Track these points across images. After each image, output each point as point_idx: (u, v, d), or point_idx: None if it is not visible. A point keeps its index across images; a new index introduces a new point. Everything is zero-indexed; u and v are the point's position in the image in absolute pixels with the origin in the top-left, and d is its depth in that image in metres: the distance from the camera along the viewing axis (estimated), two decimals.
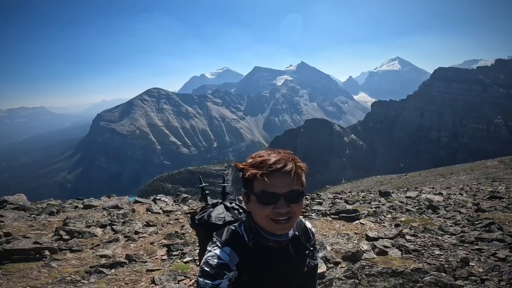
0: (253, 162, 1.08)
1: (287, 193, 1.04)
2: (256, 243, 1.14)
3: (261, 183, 1.04)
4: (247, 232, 1.16)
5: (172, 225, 5.82)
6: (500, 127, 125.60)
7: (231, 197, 1.54)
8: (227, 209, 1.39)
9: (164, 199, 9.17)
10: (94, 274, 3.37)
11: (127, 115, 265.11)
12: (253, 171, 1.05)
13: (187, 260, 3.85)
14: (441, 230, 4.87)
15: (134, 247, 4.48)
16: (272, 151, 1.11)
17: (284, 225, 1.07)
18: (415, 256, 3.56)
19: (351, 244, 3.66)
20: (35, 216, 6.71)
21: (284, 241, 1.17)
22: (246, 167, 1.08)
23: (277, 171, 1.03)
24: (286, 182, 1.04)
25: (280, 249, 1.17)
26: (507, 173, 26.38)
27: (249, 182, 1.09)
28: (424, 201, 8.35)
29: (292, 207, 1.05)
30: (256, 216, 1.11)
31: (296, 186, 1.06)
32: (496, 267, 3.11)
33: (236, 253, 1.11)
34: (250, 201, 1.11)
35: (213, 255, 1.08)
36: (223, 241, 1.13)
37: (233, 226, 1.20)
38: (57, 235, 5.04)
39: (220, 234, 1.17)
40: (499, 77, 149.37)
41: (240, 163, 1.12)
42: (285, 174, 1.04)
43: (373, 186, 37.51)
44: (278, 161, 1.04)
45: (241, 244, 1.13)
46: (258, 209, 1.06)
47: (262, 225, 1.11)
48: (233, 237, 1.15)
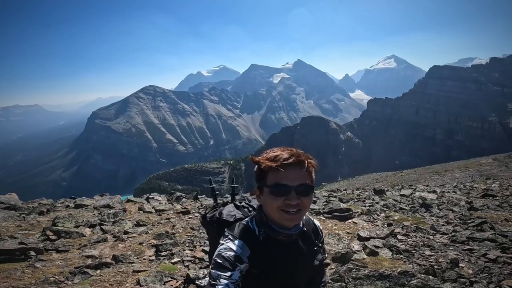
0: (267, 156, 1.16)
1: (298, 186, 1.11)
2: (266, 236, 1.20)
3: (275, 175, 1.12)
4: (258, 226, 1.22)
5: (163, 225, 5.74)
6: (495, 125, 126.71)
7: (240, 197, 1.60)
8: (237, 208, 1.45)
9: (157, 198, 9.09)
10: (79, 275, 3.29)
11: (123, 113, 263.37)
12: (269, 163, 1.13)
13: (175, 261, 3.78)
14: (433, 229, 4.85)
15: (122, 248, 4.39)
16: (286, 148, 1.19)
17: (294, 216, 1.14)
18: (405, 256, 3.52)
19: (341, 245, 3.62)
20: (24, 216, 6.60)
21: (294, 235, 1.22)
22: (262, 160, 1.16)
23: (290, 165, 1.11)
24: (298, 176, 1.12)
25: (290, 243, 1.23)
26: (501, 170, 26.62)
27: (263, 175, 1.16)
28: (417, 199, 8.35)
29: (302, 200, 1.13)
30: (267, 207, 1.18)
31: (307, 181, 1.14)
32: (486, 268, 3.07)
33: (248, 246, 1.16)
34: (262, 194, 1.18)
35: (226, 247, 1.14)
36: (235, 234, 1.19)
37: (245, 221, 1.27)
38: (44, 235, 4.94)
39: (232, 229, 1.23)
40: (494, 75, 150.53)
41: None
42: (297, 168, 1.12)
43: (369, 183, 37.68)
44: (291, 156, 1.12)
45: (253, 237, 1.19)
46: (271, 200, 1.13)
47: (273, 217, 1.17)
48: (245, 231, 1.21)
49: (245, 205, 1.47)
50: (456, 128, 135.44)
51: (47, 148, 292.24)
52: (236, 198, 1.63)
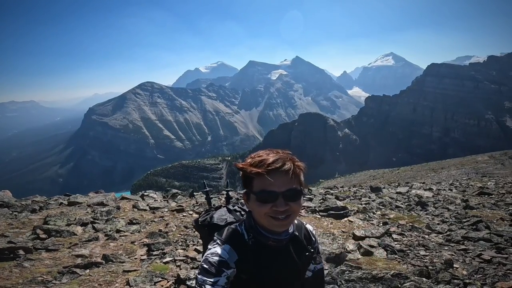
0: (252, 161, 1.10)
1: (285, 191, 1.06)
2: (256, 241, 1.16)
3: (260, 182, 1.07)
4: (248, 231, 1.18)
5: (157, 223, 5.67)
6: (491, 123, 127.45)
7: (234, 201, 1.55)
8: (229, 211, 1.41)
9: (153, 195, 9.00)
10: (67, 275, 3.23)
11: (120, 109, 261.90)
12: (253, 169, 1.07)
13: (166, 261, 3.71)
14: (428, 228, 4.81)
15: (114, 247, 4.32)
16: (271, 151, 1.12)
17: (283, 222, 1.10)
18: (400, 257, 3.48)
19: (336, 245, 3.57)
20: (16, 214, 6.50)
21: (283, 240, 1.18)
22: (246, 166, 1.10)
23: (275, 170, 1.05)
24: (285, 181, 1.06)
25: (280, 249, 1.19)
26: (497, 168, 26.79)
27: (249, 181, 1.12)
28: (414, 197, 8.34)
29: (290, 205, 1.08)
30: (255, 214, 1.14)
31: (295, 185, 1.09)
32: (481, 269, 3.03)
33: (236, 251, 1.13)
34: (250, 200, 1.13)
35: (213, 252, 1.11)
36: (223, 239, 1.16)
37: (234, 225, 1.23)
38: (34, 234, 4.86)
39: (221, 233, 1.20)
40: (491, 73, 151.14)
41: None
42: (284, 173, 1.06)
43: (366, 180, 37.79)
44: (276, 160, 1.06)
45: (241, 242, 1.16)
46: (258, 207, 1.09)
47: (261, 223, 1.14)
48: (233, 235, 1.18)
49: (237, 209, 1.44)
50: (453, 125, 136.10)
51: (43, 144, 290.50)
52: (230, 202, 1.58)
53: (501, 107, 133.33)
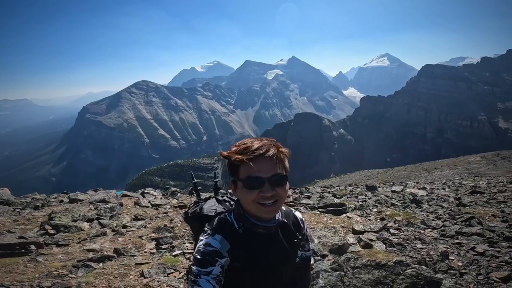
0: (237, 149, 1.12)
1: (271, 177, 1.09)
2: (246, 230, 1.18)
3: (246, 168, 1.09)
4: (237, 220, 1.20)
5: (161, 219, 5.81)
6: (484, 124, 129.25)
7: (222, 191, 1.60)
8: (218, 202, 1.44)
9: (153, 193, 9.11)
10: (82, 268, 3.35)
11: (114, 107, 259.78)
12: (238, 157, 1.09)
13: (176, 254, 3.86)
14: (423, 224, 5.03)
15: (122, 241, 4.45)
16: (255, 139, 1.15)
17: (271, 208, 1.12)
18: (398, 249, 3.69)
19: (337, 237, 3.76)
20: (19, 210, 6.58)
21: (272, 227, 1.20)
22: (231, 154, 1.12)
23: (260, 156, 1.07)
24: (270, 167, 1.09)
25: (270, 236, 1.21)
26: (489, 168, 27.29)
27: (235, 169, 1.13)
28: (408, 195, 8.57)
29: (277, 190, 1.10)
30: (243, 202, 1.16)
31: (279, 170, 1.11)
32: (475, 261, 3.25)
33: (227, 240, 1.14)
34: (237, 188, 1.15)
35: (205, 243, 1.12)
36: (214, 229, 1.17)
37: (223, 215, 1.25)
38: (42, 229, 4.96)
39: (212, 223, 1.21)
40: (485, 74, 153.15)
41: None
42: (268, 159, 1.08)
43: (361, 180, 38.17)
44: (260, 147, 1.09)
45: (232, 231, 1.17)
46: (245, 194, 1.11)
47: (250, 211, 1.15)
48: (223, 225, 1.19)
49: (226, 199, 1.47)
50: (446, 126, 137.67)
51: (36, 143, 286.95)
52: (219, 193, 1.60)
53: (494, 108, 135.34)
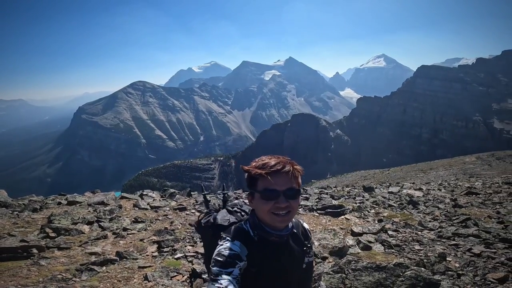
0: (256, 164, 1.29)
1: (286, 190, 1.24)
2: (260, 238, 1.31)
3: (264, 182, 1.25)
4: (252, 228, 1.33)
5: (161, 221, 5.83)
6: (479, 124, 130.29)
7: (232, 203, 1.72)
8: (230, 213, 1.58)
9: (151, 195, 9.10)
10: (85, 272, 3.37)
11: (111, 108, 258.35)
12: (258, 171, 1.25)
13: (178, 257, 3.89)
14: (420, 225, 5.12)
15: (124, 244, 4.48)
16: (273, 157, 1.31)
17: (284, 218, 1.27)
18: (397, 251, 3.76)
19: (337, 240, 3.82)
20: (18, 213, 6.56)
21: (285, 236, 1.34)
22: (251, 168, 1.29)
23: (277, 171, 1.24)
24: (285, 181, 1.25)
25: (282, 244, 1.34)
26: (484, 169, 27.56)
27: (253, 181, 1.29)
28: (405, 196, 8.67)
29: (290, 202, 1.25)
30: (259, 211, 1.30)
31: (294, 185, 1.27)
32: (472, 262, 3.33)
33: (245, 246, 1.26)
34: (254, 199, 1.30)
35: (226, 247, 1.24)
36: (233, 236, 1.30)
37: (240, 224, 1.38)
38: (43, 232, 4.95)
39: (229, 231, 1.34)
40: (480, 75, 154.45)
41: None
42: (284, 174, 1.24)
43: (357, 181, 38.35)
44: (278, 163, 1.25)
45: (248, 238, 1.30)
46: (262, 204, 1.26)
47: (265, 220, 1.30)
48: (241, 232, 1.32)
49: (237, 210, 1.60)
50: (442, 127, 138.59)
51: (31, 143, 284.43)
52: (227, 204, 1.74)
53: (488, 109, 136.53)
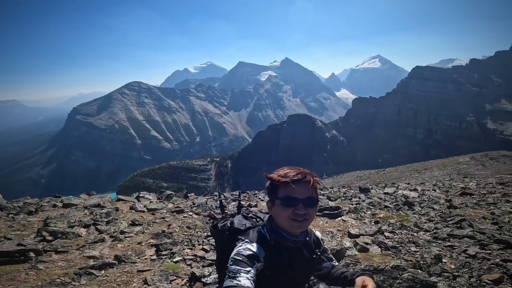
0: (278, 173, 1.40)
1: (305, 199, 1.34)
2: (276, 242, 1.40)
3: (285, 190, 1.35)
4: (269, 233, 1.43)
5: (159, 224, 5.82)
6: (472, 125, 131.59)
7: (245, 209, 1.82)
8: (245, 218, 1.66)
9: (148, 197, 9.07)
10: (84, 276, 3.36)
11: (106, 108, 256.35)
12: (281, 179, 1.35)
13: (177, 260, 3.90)
14: (416, 226, 5.18)
15: (122, 247, 4.47)
16: (294, 167, 1.42)
17: (302, 224, 1.36)
18: (393, 252, 3.81)
19: (335, 242, 3.86)
20: (13, 216, 6.51)
21: (299, 242, 1.43)
22: (274, 176, 1.39)
23: (298, 181, 1.34)
24: (305, 190, 1.35)
25: (296, 250, 1.44)
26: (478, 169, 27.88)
27: (275, 189, 1.39)
28: (400, 197, 8.75)
29: (308, 210, 1.35)
30: (278, 217, 1.39)
31: (313, 195, 1.37)
32: (467, 263, 3.38)
33: (263, 249, 1.34)
34: (274, 205, 1.40)
35: (245, 247, 1.31)
36: (252, 238, 1.39)
37: (257, 228, 1.48)
38: (40, 236, 4.93)
39: (247, 235, 1.43)
40: (473, 76, 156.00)
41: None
42: (305, 184, 1.35)
43: (353, 181, 38.56)
44: (299, 173, 1.36)
45: (265, 242, 1.39)
46: (281, 211, 1.35)
47: (283, 226, 1.39)
48: (259, 236, 1.41)
49: (252, 216, 1.68)
50: (436, 127, 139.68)
51: (24, 144, 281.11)
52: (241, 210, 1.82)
53: (482, 110, 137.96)
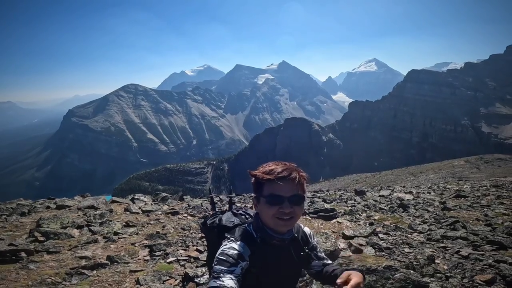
0: (263, 170, 1.32)
1: (291, 196, 1.28)
2: (262, 240, 1.36)
3: (270, 187, 1.28)
4: (255, 231, 1.38)
5: (153, 226, 5.79)
6: (467, 128, 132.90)
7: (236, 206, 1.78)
8: (234, 215, 1.62)
9: (143, 199, 9.02)
10: (76, 276, 3.33)
11: (102, 111, 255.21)
12: (265, 176, 1.29)
13: (170, 261, 3.87)
14: (410, 228, 5.20)
15: (115, 248, 4.43)
16: (280, 163, 1.34)
17: (287, 222, 1.30)
18: (387, 253, 3.82)
19: (329, 243, 3.86)
20: (6, 217, 6.44)
21: (286, 240, 1.38)
22: (258, 173, 1.32)
23: (284, 177, 1.27)
24: (291, 188, 1.28)
25: (282, 248, 1.39)
26: (472, 172, 28.15)
27: (260, 186, 1.33)
28: (395, 199, 8.80)
29: (294, 208, 1.29)
30: (264, 215, 1.34)
31: (299, 192, 1.30)
32: (460, 264, 3.40)
33: (248, 247, 1.31)
34: (259, 203, 1.34)
35: (229, 247, 1.28)
36: (237, 237, 1.35)
37: (243, 226, 1.44)
38: (32, 236, 4.88)
39: (233, 232, 1.39)
40: (468, 79, 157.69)
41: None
42: (291, 181, 1.28)
43: (349, 184, 38.68)
44: (284, 170, 1.29)
45: (251, 240, 1.35)
46: (267, 209, 1.30)
47: (268, 224, 1.34)
48: (245, 234, 1.37)
49: (242, 213, 1.64)
50: (431, 131, 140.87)
51: (19, 146, 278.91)
52: (232, 207, 1.78)
53: (476, 113, 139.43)
